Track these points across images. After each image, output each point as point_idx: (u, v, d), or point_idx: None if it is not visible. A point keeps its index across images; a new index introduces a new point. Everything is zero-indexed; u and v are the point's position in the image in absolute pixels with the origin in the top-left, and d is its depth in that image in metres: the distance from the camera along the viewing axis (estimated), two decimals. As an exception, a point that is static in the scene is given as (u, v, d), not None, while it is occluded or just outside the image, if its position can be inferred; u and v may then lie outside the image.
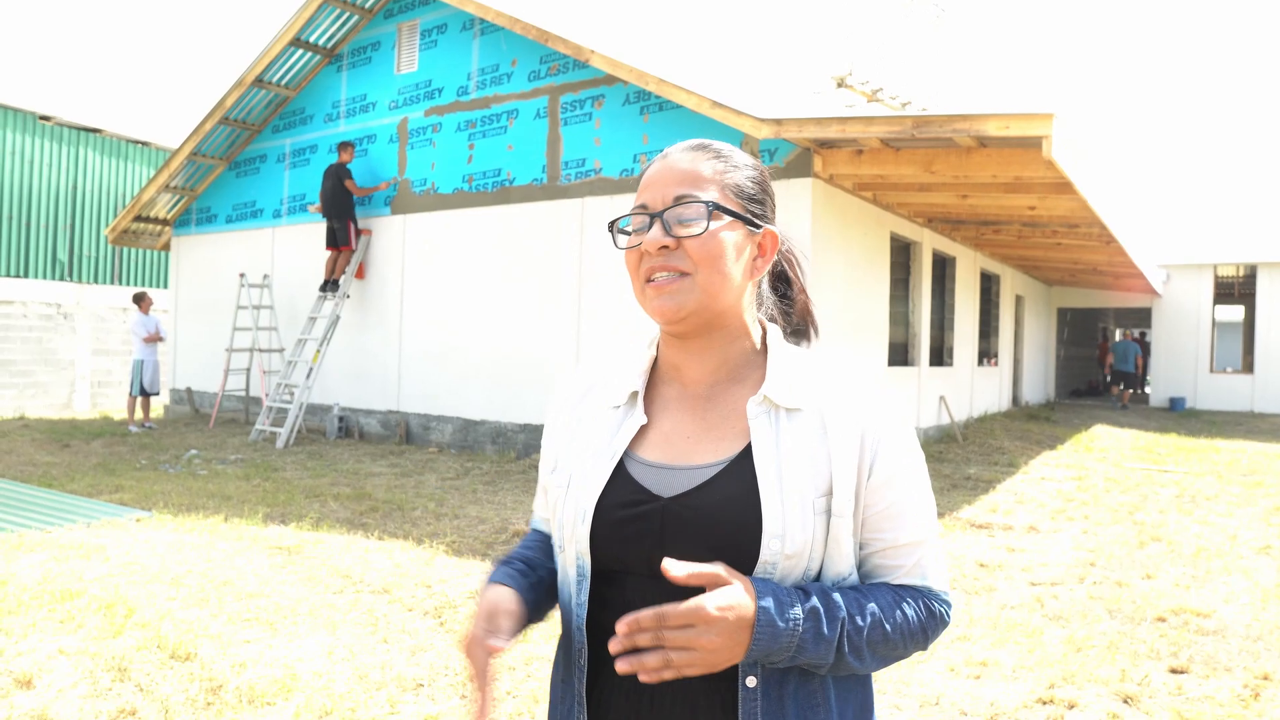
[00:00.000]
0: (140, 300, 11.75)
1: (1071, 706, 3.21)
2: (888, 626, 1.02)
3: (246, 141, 12.22)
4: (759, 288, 1.21)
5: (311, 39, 10.95)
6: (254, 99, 11.53)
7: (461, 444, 9.80)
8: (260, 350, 11.40)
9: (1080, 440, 12.13)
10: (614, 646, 0.95)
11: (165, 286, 16.88)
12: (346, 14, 10.78)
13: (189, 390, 12.93)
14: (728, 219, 1.08)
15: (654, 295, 1.07)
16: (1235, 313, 25.21)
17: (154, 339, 11.53)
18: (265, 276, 11.67)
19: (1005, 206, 9.07)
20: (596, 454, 1.12)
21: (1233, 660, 3.76)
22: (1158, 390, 19.95)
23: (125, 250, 16.44)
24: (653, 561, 1.02)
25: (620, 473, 1.09)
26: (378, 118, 10.75)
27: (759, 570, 1.00)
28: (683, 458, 1.08)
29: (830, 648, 0.98)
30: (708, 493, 1.04)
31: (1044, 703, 3.24)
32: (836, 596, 1.01)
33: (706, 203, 1.07)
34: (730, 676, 1.01)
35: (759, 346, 1.15)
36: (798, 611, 0.97)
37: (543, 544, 1.23)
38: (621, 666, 0.94)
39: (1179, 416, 17.14)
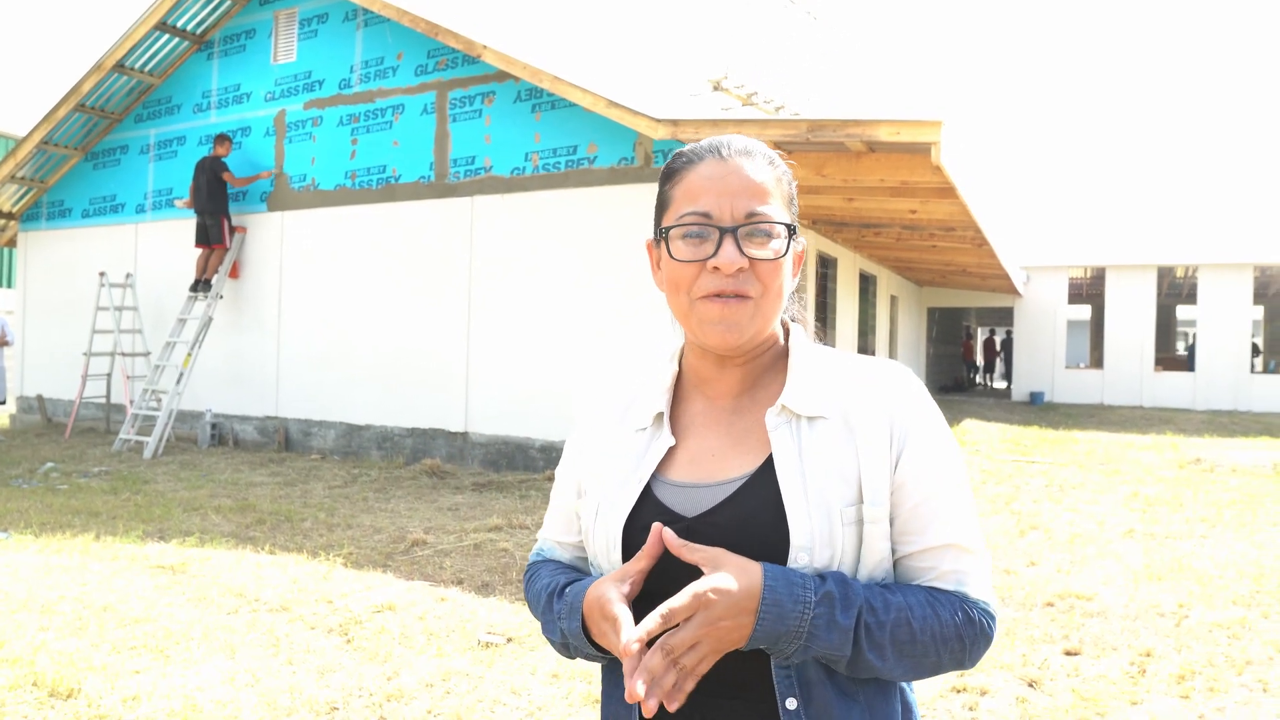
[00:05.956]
0: (-17, 301, 10.84)
1: (984, 693, 3.34)
2: (914, 625, 0.94)
3: (106, 130, 11.40)
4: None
5: (179, 24, 10.29)
6: (114, 85, 10.76)
7: (345, 450, 9.44)
8: (123, 354, 10.65)
9: (953, 434, 12.70)
10: (631, 685, 0.87)
11: (11, 286, 15.59)
12: (217, -2, 10.21)
13: (40, 398, 11.97)
14: (793, 239, 1.04)
15: (715, 319, 1.00)
16: (1085, 312, 27.05)
17: None
18: (128, 275, 10.92)
19: (888, 210, 9.40)
20: (624, 480, 1.07)
21: (1118, 640, 3.99)
22: (1019, 385, 21.17)
23: (-38, 246, 15.09)
24: (684, 585, 0.97)
25: (647, 496, 1.05)
26: (253, 109, 10.22)
27: None
28: (708, 475, 1.04)
29: (846, 638, 0.91)
30: (731, 508, 1.00)
31: (958, 691, 3.36)
32: (856, 584, 0.94)
33: (788, 225, 1.02)
34: (770, 700, 0.97)
35: (782, 350, 1.11)
36: (809, 594, 0.91)
37: (567, 569, 1.17)
38: (649, 707, 0.87)
39: (1039, 410, 18.22)
